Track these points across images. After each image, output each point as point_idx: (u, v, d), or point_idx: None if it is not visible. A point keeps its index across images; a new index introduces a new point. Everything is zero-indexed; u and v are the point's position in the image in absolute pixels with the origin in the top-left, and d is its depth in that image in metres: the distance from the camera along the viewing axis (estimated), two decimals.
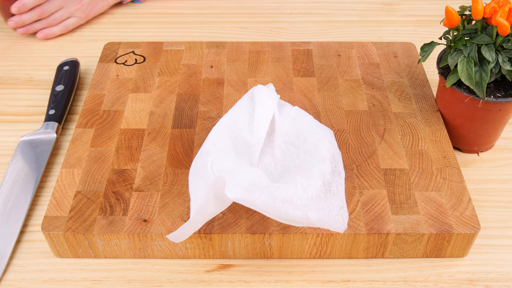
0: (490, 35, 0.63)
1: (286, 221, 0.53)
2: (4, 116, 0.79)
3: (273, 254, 0.61)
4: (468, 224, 0.59)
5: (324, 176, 0.56)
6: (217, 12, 1.00)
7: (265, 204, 0.51)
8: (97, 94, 0.76)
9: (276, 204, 0.51)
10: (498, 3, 0.63)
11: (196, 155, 0.67)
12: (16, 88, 0.84)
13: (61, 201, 0.61)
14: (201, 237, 0.58)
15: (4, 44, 0.93)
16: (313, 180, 0.55)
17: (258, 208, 0.52)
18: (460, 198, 0.62)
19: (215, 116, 0.72)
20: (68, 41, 0.94)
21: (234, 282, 0.59)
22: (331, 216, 0.53)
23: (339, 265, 0.61)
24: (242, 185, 0.51)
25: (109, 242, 0.59)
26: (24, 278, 0.59)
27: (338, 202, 0.55)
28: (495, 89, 0.66)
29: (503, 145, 0.75)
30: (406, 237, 0.59)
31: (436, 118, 0.72)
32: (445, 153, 0.67)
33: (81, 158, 0.66)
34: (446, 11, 0.64)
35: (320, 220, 0.52)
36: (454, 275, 0.60)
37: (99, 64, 0.81)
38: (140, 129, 0.70)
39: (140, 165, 0.65)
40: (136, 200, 0.61)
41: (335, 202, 0.54)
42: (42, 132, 0.73)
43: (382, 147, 0.68)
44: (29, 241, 0.63)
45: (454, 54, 0.65)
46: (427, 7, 1.02)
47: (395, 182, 0.64)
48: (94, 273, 0.60)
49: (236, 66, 0.80)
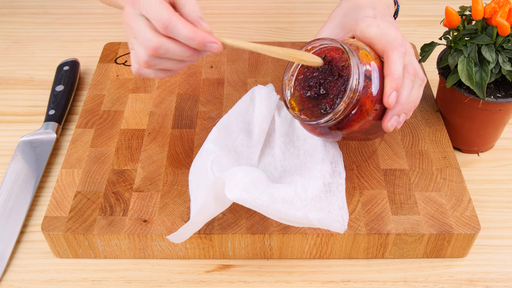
0: (490, 35, 0.63)
1: (286, 221, 0.53)
2: (4, 116, 0.79)
3: (273, 255, 0.61)
4: (468, 225, 0.59)
5: (324, 176, 0.56)
6: (217, 12, 1.00)
7: (265, 204, 0.51)
8: (97, 94, 0.76)
9: (276, 205, 0.51)
10: (498, 3, 0.63)
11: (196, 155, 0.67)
12: (16, 88, 0.84)
13: (61, 201, 0.61)
14: (201, 238, 0.58)
15: (4, 44, 0.93)
16: (313, 180, 0.55)
17: (258, 208, 0.52)
18: (460, 199, 0.62)
19: (215, 116, 0.72)
20: (68, 41, 0.94)
21: (234, 282, 0.59)
22: (331, 217, 0.53)
23: (339, 265, 0.61)
24: (242, 186, 0.51)
25: (109, 243, 0.59)
26: (24, 279, 0.59)
27: (338, 202, 0.54)
28: (495, 89, 0.66)
29: (503, 145, 0.75)
30: (406, 237, 0.59)
31: (436, 118, 0.72)
32: (445, 153, 0.67)
33: (81, 159, 0.66)
34: (446, 12, 0.64)
35: (320, 220, 0.52)
36: (454, 276, 0.60)
37: (99, 64, 0.81)
38: (140, 129, 0.70)
39: (140, 165, 0.65)
40: (136, 201, 0.61)
41: (335, 202, 0.54)
42: (42, 132, 0.73)
43: (382, 147, 0.68)
44: (29, 241, 0.63)
45: (454, 54, 0.65)
46: (427, 7, 1.02)
47: (395, 182, 0.63)
48: (94, 273, 0.60)
49: (236, 66, 0.80)
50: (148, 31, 0.52)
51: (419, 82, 0.55)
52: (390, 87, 0.52)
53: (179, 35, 0.51)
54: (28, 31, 0.96)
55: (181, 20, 0.51)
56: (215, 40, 0.52)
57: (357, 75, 0.51)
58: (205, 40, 0.51)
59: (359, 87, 0.51)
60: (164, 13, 0.51)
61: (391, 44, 0.53)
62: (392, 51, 0.53)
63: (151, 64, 0.54)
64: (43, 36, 0.95)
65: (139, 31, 0.52)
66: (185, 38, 0.51)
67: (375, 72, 0.53)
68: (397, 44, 0.53)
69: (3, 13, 1.01)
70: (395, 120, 0.54)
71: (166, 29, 0.51)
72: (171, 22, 0.50)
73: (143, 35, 0.52)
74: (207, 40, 0.51)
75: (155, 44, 0.51)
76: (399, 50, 0.53)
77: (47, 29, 0.97)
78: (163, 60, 0.54)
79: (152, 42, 0.51)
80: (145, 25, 0.52)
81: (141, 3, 0.52)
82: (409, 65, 0.54)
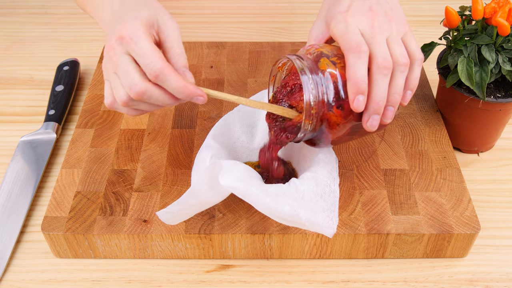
0: (490, 35, 0.63)
1: (276, 218, 0.52)
2: (4, 116, 0.79)
3: (273, 255, 0.61)
4: (468, 225, 0.59)
5: (317, 178, 0.55)
6: (217, 12, 1.00)
7: (255, 195, 0.51)
8: (97, 94, 0.76)
9: (267, 197, 0.51)
10: (498, 3, 0.63)
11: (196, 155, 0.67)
12: (16, 88, 0.84)
13: (61, 202, 0.61)
14: (201, 238, 0.58)
15: (4, 44, 0.93)
16: (306, 181, 0.55)
17: (249, 199, 0.51)
18: (460, 199, 0.62)
19: (215, 116, 0.72)
20: (68, 41, 0.94)
21: (234, 282, 0.59)
22: (320, 218, 0.52)
23: (339, 265, 0.61)
24: (237, 176, 0.51)
25: (109, 243, 0.59)
26: (24, 279, 0.59)
27: (329, 206, 0.54)
28: (495, 89, 0.66)
29: (503, 145, 0.75)
30: (406, 237, 0.59)
31: (436, 118, 0.72)
32: (445, 153, 0.67)
33: (81, 159, 0.66)
34: (446, 12, 0.64)
35: (309, 219, 0.51)
36: (454, 276, 0.60)
37: (99, 64, 0.81)
38: (140, 129, 0.70)
39: (140, 165, 0.65)
40: (136, 201, 0.61)
41: (326, 206, 0.54)
42: (42, 132, 0.73)
43: (382, 147, 0.68)
44: (29, 241, 0.63)
45: (454, 54, 0.65)
46: (427, 7, 1.02)
47: (395, 182, 0.63)
48: (94, 273, 0.60)
49: (236, 66, 0.80)
50: (136, 75, 0.51)
51: (401, 69, 0.52)
52: (351, 93, 0.50)
53: (168, 86, 0.51)
54: (28, 31, 0.96)
55: (173, 72, 0.50)
56: (202, 93, 0.52)
57: (308, 93, 0.51)
58: (193, 94, 0.51)
59: (314, 103, 0.51)
60: (157, 62, 0.50)
61: (347, 45, 0.51)
62: (347, 53, 0.51)
63: (129, 104, 0.53)
64: (43, 36, 0.95)
65: (125, 72, 0.51)
66: (174, 89, 0.51)
67: (332, 83, 0.51)
68: (354, 44, 0.51)
69: (3, 13, 1.01)
70: (375, 119, 0.52)
71: (157, 78, 0.50)
72: (163, 73, 0.50)
73: (130, 78, 0.51)
74: (195, 94, 0.51)
75: (142, 89, 0.51)
76: (354, 51, 0.50)
77: (47, 29, 0.97)
78: (142, 103, 0.53)
79: (140, 87, 0.51)
80: (133, 68, 0.51)
81: (131, 44, 0.51)
82: (379, 58, 0.51)
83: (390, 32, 0.53)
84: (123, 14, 0.54)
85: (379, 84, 0.51)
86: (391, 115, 0.53)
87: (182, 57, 0.53)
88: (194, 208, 0.54)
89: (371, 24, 0.52)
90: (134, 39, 0.51)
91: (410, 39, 0.54)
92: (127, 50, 0.51)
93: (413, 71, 0.54)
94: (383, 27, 0.53)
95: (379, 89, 0.51)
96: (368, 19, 0.53)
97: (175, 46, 0.54)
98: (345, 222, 0.59)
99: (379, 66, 0.51)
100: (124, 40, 0.51)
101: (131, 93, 0.51)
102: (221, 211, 0.60)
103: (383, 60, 0.51)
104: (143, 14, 0.53)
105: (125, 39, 0.51)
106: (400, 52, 0.52)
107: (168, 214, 0.53)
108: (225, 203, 0.61)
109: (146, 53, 0.50)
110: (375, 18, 0.53)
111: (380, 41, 0.52)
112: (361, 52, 0.50)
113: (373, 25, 0.52)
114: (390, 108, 0.53)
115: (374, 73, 0.51)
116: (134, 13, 0.53)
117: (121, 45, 0.51)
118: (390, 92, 0.52)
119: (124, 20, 0.52)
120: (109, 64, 0.53)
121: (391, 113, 0.53)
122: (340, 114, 0.52)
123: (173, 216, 0.54)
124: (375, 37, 0.52)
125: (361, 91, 0.50)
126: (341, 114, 0.52)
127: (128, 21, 0.52)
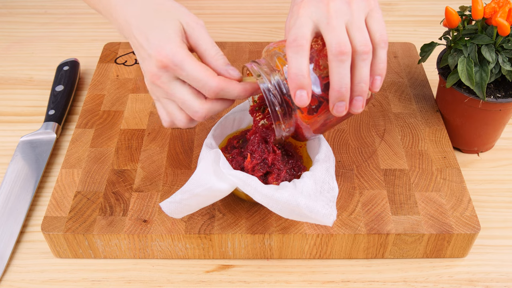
0: (490, 35, 0.63)
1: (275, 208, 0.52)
2: (4, 116, 0.79)
3: (273, 255, 0.61)
4: (468, 225, 0.59)
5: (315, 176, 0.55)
6: (217, 12, 1.00)
7: (255, 181, 0.52)
8: (97, 94, 0.76)
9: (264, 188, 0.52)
10: (498, 3, 0.63)
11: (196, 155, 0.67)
12: (16, 88, 0.84)
13: (61, 202, 0.61)
14: (201, 238, 0.58)
15: (4, 44, 0.93)
16: (304, 179, 0.55)
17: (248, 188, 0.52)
18: (460, 199, 0.62)
19: (215, 116, 0.72)
20: (68, 41, 0.94)
21: (234, 282, 0.59)
22: (320, 205, 0.52)
23: (339, 265, 0.61)
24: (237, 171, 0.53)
25: (109, 243, 0.59)
26: (24, 279, 0.59)
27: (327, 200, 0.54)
28: (495, 89, 0.66)
29: (503, 145, 0.75)
30: (406, 237, 0.59)
31: (436, 118, 0.72)
32: (445, 154, 0.67)
33: (81, 159, 0.66)
34: (446, 12, 0.64)
35: (308, 206, 0.51)
36: (454, 276, 0.60)
37: (99, 64, 0.81)
38: (140, 129, 0.70)
39: (140, 165, 0.65)
40: (136, 201, 0.61)
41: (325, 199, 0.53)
42: (42, 132, 0.73)
43: (382, 147, 0.68)
44: (29, 241, 0.63)
45: (454, 54, 0.65)
46: (427, 7, 1.02)
47: (395, 182, 0.63)
48: (94, 274, 0.60)
49: (236, 66, 0.80)
50: (196, 103, 0.51)
51: (362, 57, 0.48)
52: (291, 89, 0.48)
53: (230, 97, 0.52)
54: (28, 31, 0.96)
55: (228, 83, 0.51)
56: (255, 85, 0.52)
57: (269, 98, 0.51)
58: (251, 92, 0.52)
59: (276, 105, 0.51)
60: (211, 81, 0.50)
61: (287, 41, 0.49)
62: (286, 49, 0.49)
63: (190, 125, 0.54)
64: (43, 36, 0.95)
65: (182, 100, 0.52)
66: (236, 97, 0.52)
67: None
68: (290, 39, 0.48)
69: (3, 13, 1.01)
70: (340, 106, 0.49)
71: (217, 95, 0.51)
72: (220, 89, 0.50)
73: (190, 106, 0.51)
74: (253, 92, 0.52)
75: (204, 113, 0.52)
76: (290, 46, 0.48)
77: (47, 29, 0.97)
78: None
79: (201, 113, 0.52)
80: (188, 95, 0.52)
81: (177, 71, 0.50)
82: (333, 44, 0.48)
83: (350, 15, 0.49)
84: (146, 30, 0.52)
85: (336, 72, 0.48)
86: (360, 105, 0.50)
87: (220, 57, 0.53)
88: (197, 200, 0.53)
89: (326, 9, 0.49)
90: (178, 65, 0.50)
91: (373, 19, 0.50)
92: (175, 76, 0.51)
93: (377, 56, 0.50)
94: (341, 10, 0.49)
95: (337, 76, 0.48)
96: (323, 5, 0.49)
97: (209, 47, 0.53)
98: (345, 222, 0.59)
99: (333, 52, 0.48)
100: (170, 68, 0.50)
101: (196, 118, 0.52)
102: (221, 211, 0.60)
103: (337, 46, 0.47)
104: (169, 29, 0.52)
105: (170, 67, 0.50)
106: (359, 40, 0.48)
107: (171, 204, 0.53)
108: (225, 203, 0.61)
109: (197, 77, 0.50)
110: (330, 3, 0.49)
111: (336, 26, 0.48)
112: (298, 46, 0.48)
113: (328, 11, 0.49)
114: (358, 98, 0.50)
115: (330, 61, 0.48)
116: (160, 30, 0.51)
117: (167, 73, 0.51)
118: (354, 82, 0.49)
119: (153, 41, 0.51)
120: (157, 90, 0.53)
121: (360, 103, 0.50)
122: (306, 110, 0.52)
123: (176, 208, 0.53)
124: (330, 22, 0.48)
125: (300, 86, 0.48)
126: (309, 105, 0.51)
127: (161, 45, 0.50)
